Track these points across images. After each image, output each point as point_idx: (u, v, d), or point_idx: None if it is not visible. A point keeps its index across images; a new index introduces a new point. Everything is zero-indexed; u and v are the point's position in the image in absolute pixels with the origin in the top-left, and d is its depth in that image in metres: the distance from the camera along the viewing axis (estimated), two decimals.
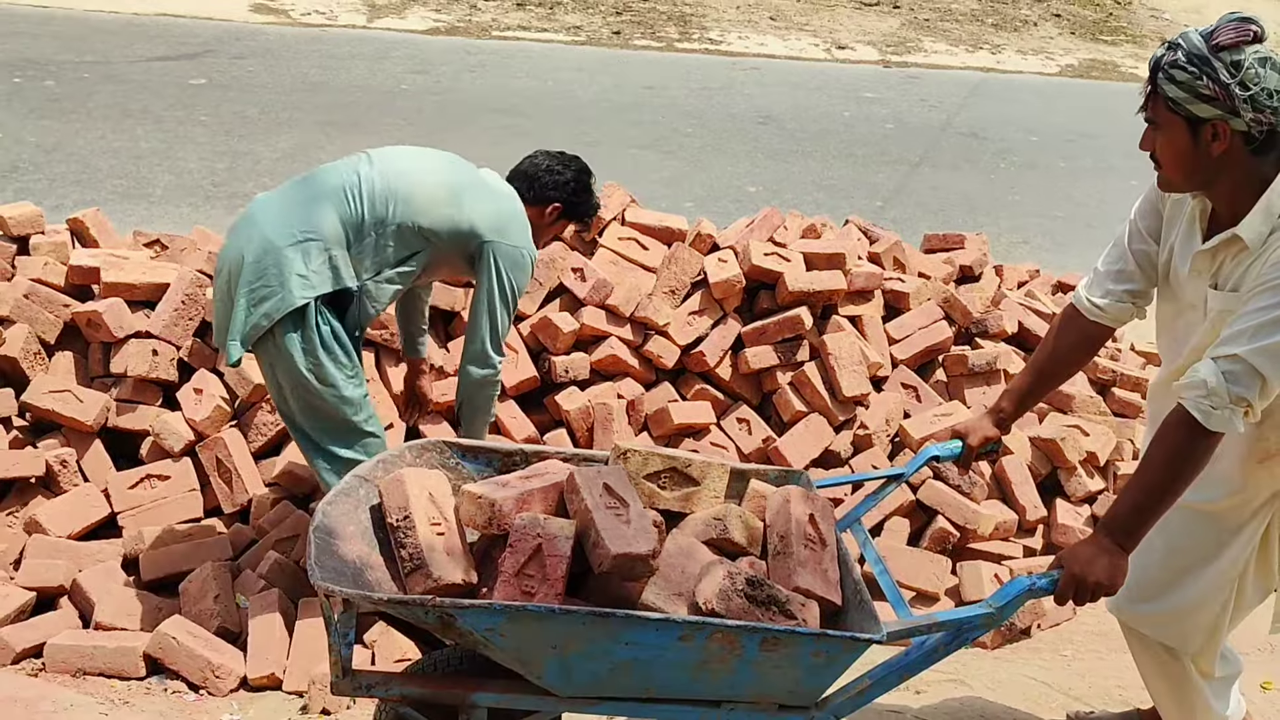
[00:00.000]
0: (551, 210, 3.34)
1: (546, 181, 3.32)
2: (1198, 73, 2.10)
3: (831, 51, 10.57)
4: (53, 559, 3.30)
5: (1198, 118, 2.14)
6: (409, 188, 3.03)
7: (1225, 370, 2.13)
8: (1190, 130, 2.16)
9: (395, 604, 2.01)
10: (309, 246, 2.94)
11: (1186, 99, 2.13)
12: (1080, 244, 6.72)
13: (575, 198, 3.37)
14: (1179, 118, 2.16)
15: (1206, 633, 2.54)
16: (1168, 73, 2.14)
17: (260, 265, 2.94)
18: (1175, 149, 2.20)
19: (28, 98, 7.36)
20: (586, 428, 3.84)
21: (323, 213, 2.98)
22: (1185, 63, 2.12)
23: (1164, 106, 2.17)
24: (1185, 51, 2.13)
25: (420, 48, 9.29)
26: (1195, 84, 2.11)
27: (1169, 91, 2.14)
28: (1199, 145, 2.17)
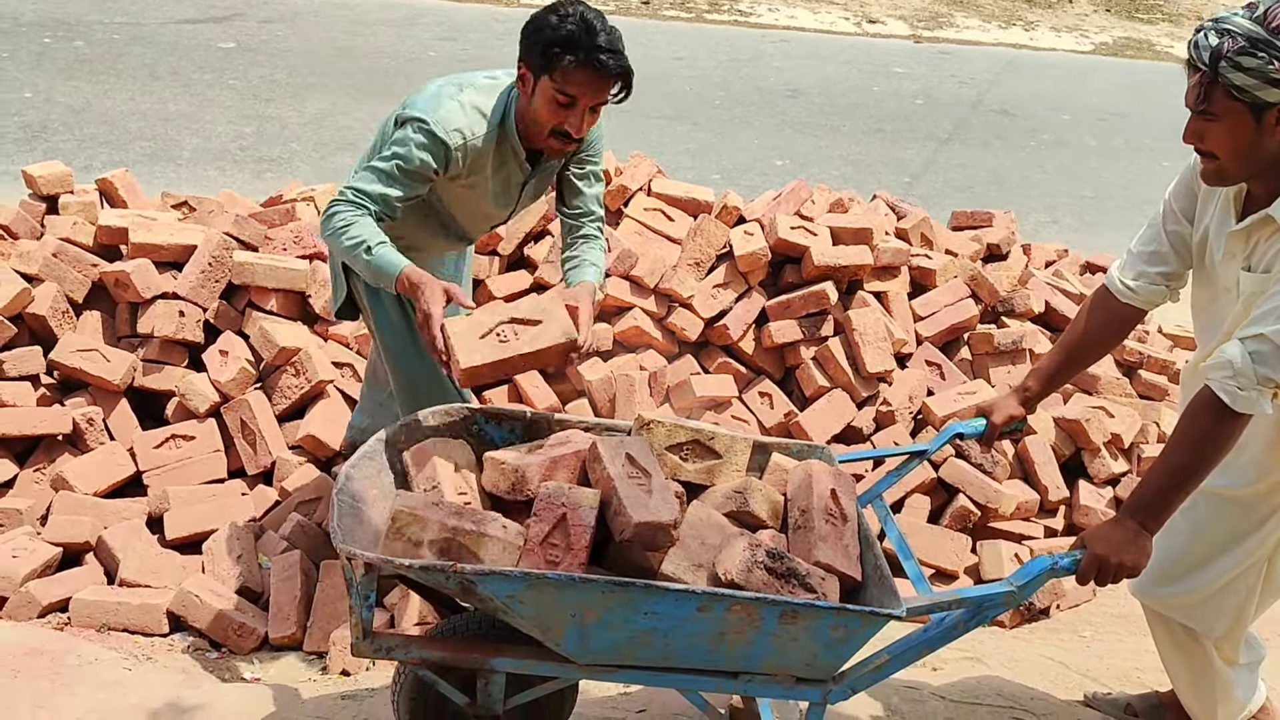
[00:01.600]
0: (521, 77, 2.66)
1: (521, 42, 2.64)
2: (1268, 57, 2.04)
3: (862, 25, 10.47)
4: (79, 515, 3.33)
5: (1265, 103, 2.07)
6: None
7: (1252, 350, 2.10)
8: (1254, 116, 2.10)
9: (417, 569, 2.02)
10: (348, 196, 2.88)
11: (1255, 85, 2.06)
12: (1110, 224, 6.65)
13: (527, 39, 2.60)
14: (1243, 105, 2.09)
15: (1231, 617, 2.53)
16: (1233, 60, 2.06)
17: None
18: (1237, 139, 2.13)
19: (57, 58, 7.38)
20: (609, 399, 3.84)
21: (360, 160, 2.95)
22: (1251, 48, 2.05)
23: (1226, 95, 2.09)
24: (1245, 37, 2.06)
25: (449, 15, 9.26)
26: (1266, 69, 2.04)
27: (1235, 80, 2.06)
28: (1262, 131, 2.11)
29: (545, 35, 2.54)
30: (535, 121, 2.65)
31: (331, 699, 2.81)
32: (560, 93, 2.58)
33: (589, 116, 2.65)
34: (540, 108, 2.62)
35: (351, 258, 2.59)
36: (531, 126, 2.69)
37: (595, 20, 2.56)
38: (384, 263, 2.54)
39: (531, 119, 2.66)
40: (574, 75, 2.55)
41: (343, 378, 3.74)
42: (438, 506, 2.15)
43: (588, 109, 2.62)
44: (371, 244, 2.55)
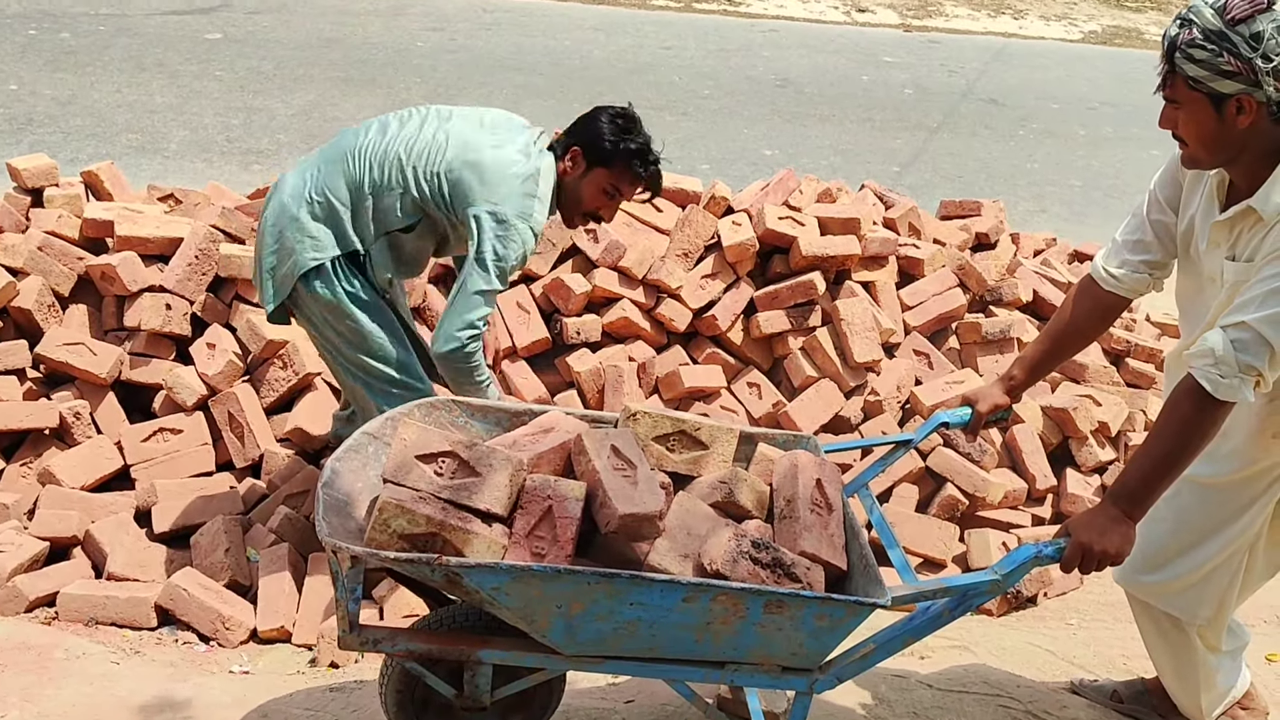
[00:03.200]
0: (571, 155, 2.97)
1: (572, 129, 2.99)
2: (1217, 49, 2.06)
3: (851, 14, 10.45)
4: (66, 510, 3.33)
5: (1221, 94, 2.10)
6: (407, 152, 2.94)
7: (1234, 339, 2.11)
8: (1214, 107, 2.12)
9: (403, 561, 2.02)
10: (315, 209, 2.98)
11: (1208, 77, 2.08)
12: (1098, 213, 6.67)
13: (595, 135, 2.93)
14: (1201, 95, 2.11)
15: (1214, 604, 2.54)
16: (1185, 52, 2.09)
17: (277, 229, 3.01)
18: (1200, 127, 2.15)
19: (43, 50, 7.34)
20: (597, 389, 3.84)
21: (332, 174, 3.00)
22: (1203, 40, 2.07)
23: (1185, 85, 2.12)
24: (1200, 29, 2.08)
25: (436, 5, 9.22)
26: (1216, 61, 2.07)
27: (1189, 71, 2.09)
28: (1224, 121, 2.13)
29: (622, 146, 2.94)
30: (575, 199, 3.01)
31: (320, 691, 2.81)
32: (613, 186, 2.99)
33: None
34: (587, 193, 3.00)
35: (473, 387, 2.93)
36: (568, 200, 3.03)
37: (655, 147, 3.01)
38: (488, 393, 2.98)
39: (571, 195, 3.01)
40: (632, 179, 2.99)
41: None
42: (424, 500, 2.15)
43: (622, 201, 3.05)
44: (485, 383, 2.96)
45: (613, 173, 2.96)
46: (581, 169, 2.97)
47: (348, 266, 3.00)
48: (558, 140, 3.03)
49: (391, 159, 2.95)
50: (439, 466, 2.20)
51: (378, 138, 3.00)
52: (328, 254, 2.96)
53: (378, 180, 2.96)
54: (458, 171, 2.89)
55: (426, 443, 2.21)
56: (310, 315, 3.05)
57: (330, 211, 2.97)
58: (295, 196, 3.00)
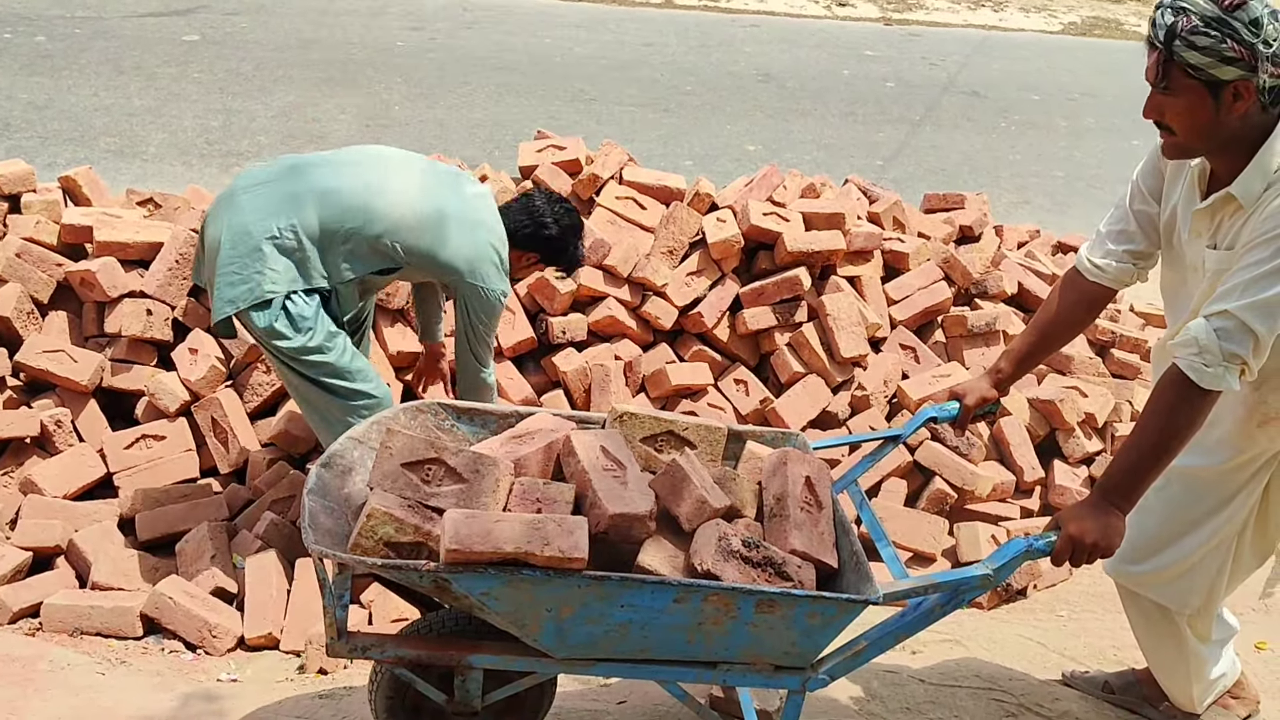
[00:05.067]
0: (528, 257, 3.33)
1: (532, 232, 3.26)
2: (1220, 36, 2.04)
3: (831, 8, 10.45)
4: (49, 519, 3.29)
5: (1220, 81, 2.08)
6: (387, 207, 3.00)
7: (1217, 327, 2.11)
8: (1211, 94, 2.11)
9: (390, 568, 2.00)
10: (283, 243, 2.94)
11: (1210, 63, 2.06)
12: (1081, 204, 6.68)
13: (555, 254, 3.34)
14: (1198, 83, 2.09)
15: (1203, 594, 2.54)
16: (1186, 39, 2.06)
17: (236, 252, 2.95)
18: (1195, 115, 2.13)
19: (18, 53, 7.27)
20: (584, 389, 3.83)
21: (303, 211, 2.96)
22: (1204, 27, 2.05)
23: (1182, 74, 2.09)
24: (1200, 15, 2.06)
25: (416, 4, 9.18)
26: (1219, 47, 2.05)
27: (1190, 58, 2.07)
28: (1219, 108, 2.12)
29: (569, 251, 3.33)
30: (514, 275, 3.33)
31: (309, 698, 2.79)
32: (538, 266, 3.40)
33: None
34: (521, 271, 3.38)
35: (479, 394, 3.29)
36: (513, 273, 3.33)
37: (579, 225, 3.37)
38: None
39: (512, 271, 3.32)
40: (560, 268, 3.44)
41: None
42: (412, 507, 2.13)
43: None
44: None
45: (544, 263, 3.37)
46: (529, 264, 3.35)
47: (303, 296, 2.97)
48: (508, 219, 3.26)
49: (358, 206, 2.97)
50: (425, 473, 2.18)
51: (351, 182, 3.00)
52: (283, 289, 2.93)
53: (354, 232, 2.97)
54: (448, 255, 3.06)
55: (412, 449, 2.19)
56: (256, 337, 3.04)
57: (299, 248, 2.95)
58: (261, 225, 2.94)
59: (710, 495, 2.22)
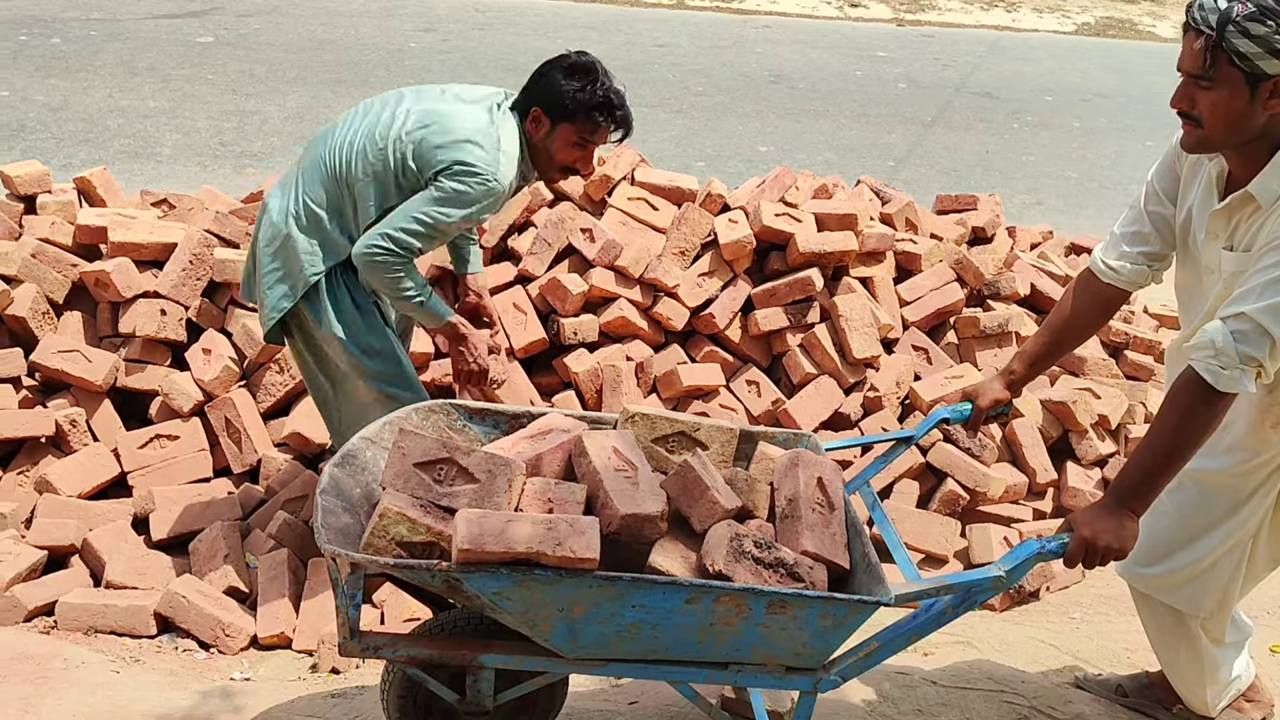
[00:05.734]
0: (533, 116, 2.93)
1: (528, 87, 2.93)
2: (1276, 26, 2.01)
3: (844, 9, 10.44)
4: (63, 518, 3.31)
5: (1263, 74, 2.05)
6: (369, 135, 2.91)
7: (1234, 330, 2.10)
8: (1249, 87, 2.08)
9: (402, 568, 2.01)
10: (303, 221, 2.95)
11: (1259, 54, 2.03)
12: (1094, 205, 6.66)
13: (554, 93, 2.87)
14: (1240, 74, 2.06)
15: (1217, 597, 2.53)
16: (1241, 25, 2.02)
17: (271, 249, 3.00)
18: (1230, 107, 2.10)
19: (34, 55, 7.32)
20: (595, 390, 3.83)
21: (312, 184, 2.98)
22: (1260, 16, 2.01)
23: (1227, 62, 2.06)
24: (1256, 3, 2.03)
25: (428, 5, 9.21)
26: (1273, 38, 2.02)
27: (1241, 46, 2.03)
28: (1255, 102, 2.10)
29: (578, 99, 2.86)
30: (548, 157, 2.97)
31: (321, 698, 2.80)
32: (581, 139, 2.93)
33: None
34: (558, 150, 2.95)
35: (401, 301, 2.91)
36: (541, 160, 2.99)
37: (617, 85, 2.93)
38: (436, 311, 2.98)
39: (544, 155, 2.97)
40: (598, 131, 2.93)
41: None
42: (424, 507, 2.14)
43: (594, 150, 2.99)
44: (425, 294, 2.93)
45: (578, 127, 2.90)
46: (546, 127, 2.92)
47: (345, 276, 2.97)
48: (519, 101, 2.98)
49: (357, 147, 2.91)
50: (438, 473, 2.19)
51: (345, 132, 2.97)
52: (323, 267, 2.94)
53: (348, 173, 2.91)
54: (417, 134, 2.85)
55: (425, 449, 2.20)
56: (310, 333, 3.02)
57: (316, 222, 2.95)
58: (282, 214, 2.98)
59: (722, 496, 2.22)
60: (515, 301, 3.91)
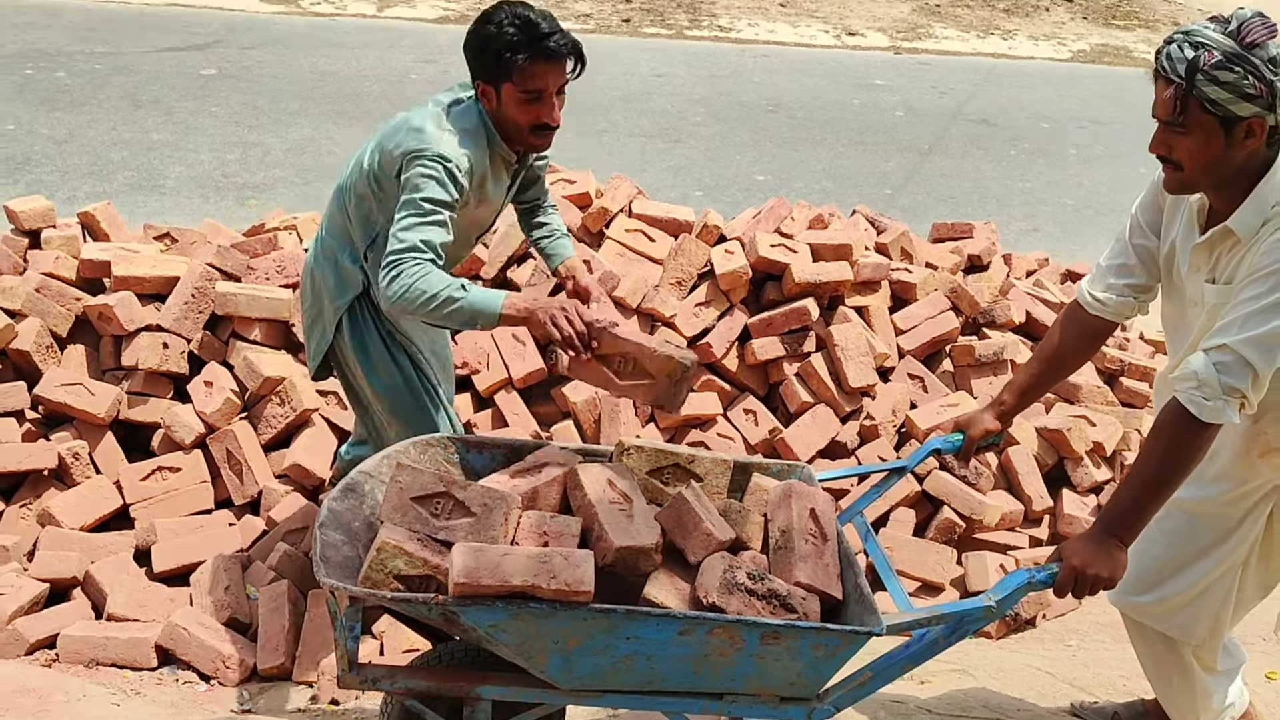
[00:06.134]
0: (481, 90, 2.74)
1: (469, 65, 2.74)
2: (1243, 72, 2.07)
3: (841, 38, 10.53)
4: (65, 551, 3.34)
5: (1236, 117, 2.10)
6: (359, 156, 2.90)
7: (1216, 361, 2.13)
8: (1224, 130, 2.13)
9: (399, 601, 2.03)
10: (324, 259, 2.98)
11: (1230, 99, 2.09)
12: (1091, 232, 6.70)
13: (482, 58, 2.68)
14: (1214, 119, 2.12)
15: (1209, 624, 2.55)
16: (1209, 74, 2.08)
17: (304, 287, 3.05)
18: (1207, 151, 2.16)
19: (39, 89, 7.40)
20: (594, 420, 3.86)
21: (328, 220, 3.02)
22: (1227, 63, 2.07)
23: (1200, 109, 2.12)
24: (1221, 51, 2.08)
25: (430, 36, 9.30)
26: (1241, 83, 2.07)
27: (1211, 93, 2.09)
28: (1231, 144, 2.15)
29: (492, 46, 2.64)
30: (513, 125, 2.74)
31: None
32: (525, 92, 2.67)
33: (558, 100, 2.75)
34: (513, 112, 2.71)
35: (436, 311, 2.54)
36: (510, 130, 2.77)
37: (530, 14, 2.66)
38: (481, 303, 2.54)
39: (509, 124, 2.75)
40: (531, 71, 2.65)
41: (328, 405, 3.75)
42: (421, 540, 2.16)
43: (554, 94, 2.72)
44: (457, 291, 2.53)
45: (516, 81, 2.65)
46: (493, 95, 2.71)
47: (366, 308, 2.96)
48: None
49: (351, 176, 2.91)
50: (435, 507, 2.22)
51: (349, 163, 2.97)
52: (344, 300, 2.94)
53: (348, 201, 2.92)
54: (378, 144, 2.79)
55: (421, 484, 2.23)
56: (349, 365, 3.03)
57: (332, 257, 2.96)
58: (313, 252, 3.03)
59: (715, 528, 2.25)
60: (514, 332, 3.95)
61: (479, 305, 2.54)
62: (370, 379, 2.99)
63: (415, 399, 3.01)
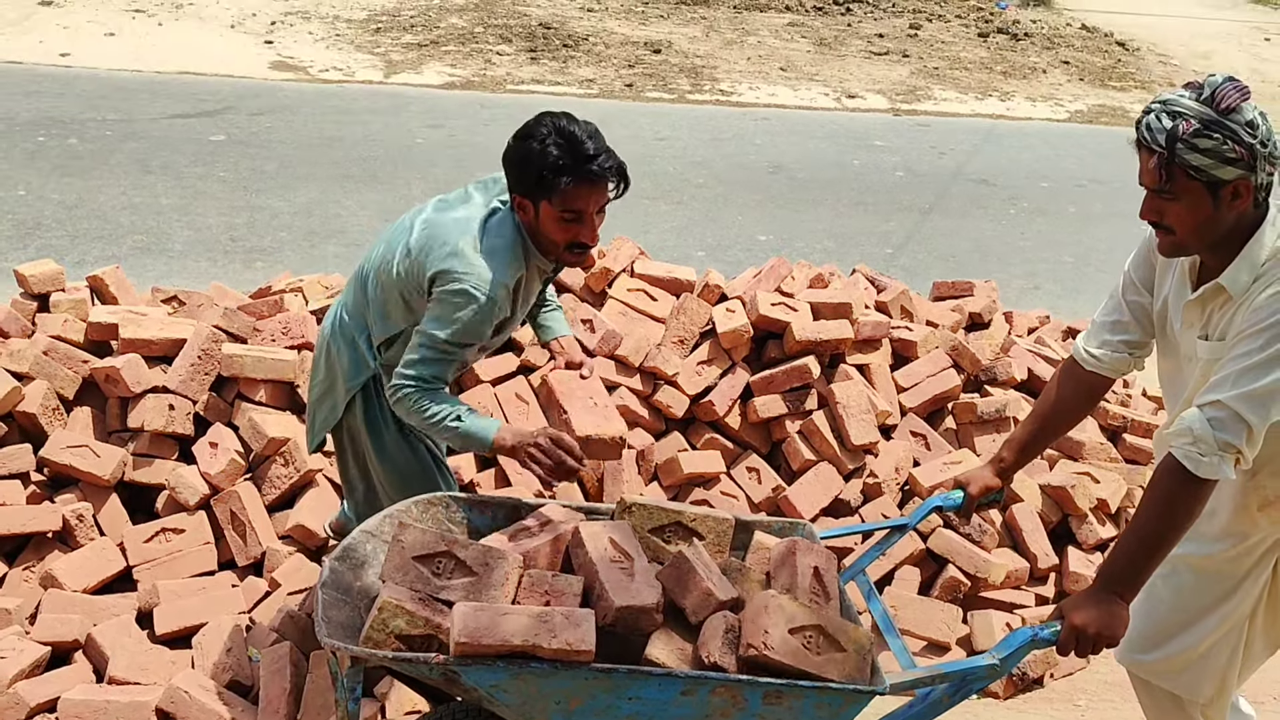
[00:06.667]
0: (519, 204, 2.68)
1: (506, 173, 2.69)
2: (1222, 138, 2.11)
3: (841, 100, 10.67)
4: (68, 613, 3.33)
5: (1221, 180, 2.14)
6: (388, 249, 2.84)
7: (1210, 417, 2.15)
8: (1211, 194, 2.17)
9: (400, 661, 2.03)
10: (341, 337, 2.95)
11: (1212, 165, 2.12)
12: (1091, 289, 6.73)
13: (517, 174, 2.63)
14: (1200, 184, 2.16)
15: (1215, 682, 2.53)
16: (1189, 142, 2.12)
17: (317, 358, 3.05)
18: (1197, 215, 2.19)
19: (51, 156, 7.51)
20: (596, 478, 3.86)
21: (350, 297, 2.99)
22: (1205, 131, 2.12)
23: (1184, 176, 2.15)
24: (1199, 119, 2.12)
25: (436, 102, 9.44)
26: (1221, 149, 2.11)
27: (1193, 160, 2.13)
28: (1219, 207, 2.18)
29: (535, 164, 2.57)
30: (549, 242, 2.69)
31: None
32: (566, 211, 2.61)
33: (598, 219, 2.69)
34: (549, 229, 2.65)
35: (436, 430, 2.68)
36: (545, 245, 2.72)
37: (575, 130, 2.59)
38: (477, 430, 2.65)
39: (545, 239, 2.70)
40: (574, 193, 2.58)
41: (331, 466, 3.77)
42: (423, 600, 2.17)
43: (594, 214, 2.66)
44: (457, 417, 2.66)
45: (556, 202, 2.59)
46: (531, 211, 2.65)
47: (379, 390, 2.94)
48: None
49: (378, 261, 2.86)
50: (437, 566, 2.22)
51: (378, 244, 2.92)
52: (357, 381, 2.92)
53: (371, 287, 2.88)
54: (414, 246, 2.73)
55: (423, 543, 2.24)
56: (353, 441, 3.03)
57: (350, 337, 2.93)
58: (331, 325, 3.00)
59: (717, 587, 2.25)
60: (517, 392, 3.97)
61: (474, 433, 2.66)
62: (379, 454, 3.00)
63: (424, 472, 3.01)
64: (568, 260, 2.76)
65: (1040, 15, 14.46)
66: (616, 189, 2.68)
